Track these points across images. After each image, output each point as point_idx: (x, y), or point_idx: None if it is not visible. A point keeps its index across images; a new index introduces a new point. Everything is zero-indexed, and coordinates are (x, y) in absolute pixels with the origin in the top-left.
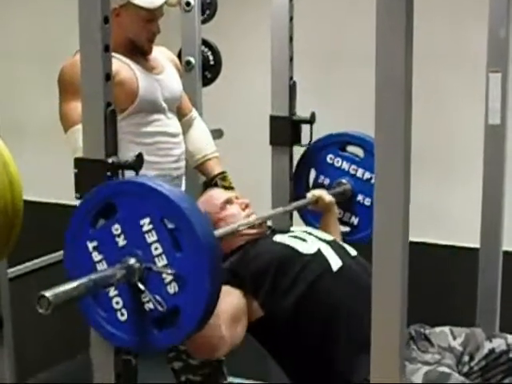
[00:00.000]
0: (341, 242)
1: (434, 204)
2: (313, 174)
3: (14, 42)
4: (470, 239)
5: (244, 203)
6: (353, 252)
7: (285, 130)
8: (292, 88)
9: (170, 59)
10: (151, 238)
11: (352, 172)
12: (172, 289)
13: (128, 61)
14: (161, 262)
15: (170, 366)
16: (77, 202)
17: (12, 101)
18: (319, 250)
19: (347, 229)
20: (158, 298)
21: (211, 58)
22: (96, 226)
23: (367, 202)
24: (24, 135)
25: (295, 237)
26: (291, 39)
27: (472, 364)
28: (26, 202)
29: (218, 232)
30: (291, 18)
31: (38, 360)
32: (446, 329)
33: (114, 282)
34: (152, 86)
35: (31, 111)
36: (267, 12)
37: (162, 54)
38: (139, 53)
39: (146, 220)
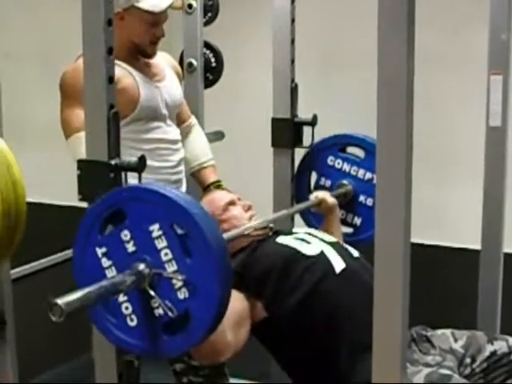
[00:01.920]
0: (344, 244)
1: (435, 206)
2: (314, 176)
3: (15, 43)
4: (471, 241)
5: (246, 205)
6: (355, 253)
7: (286, 132)
8: (294, 90)
9: (171, 65)
10: (161, 243)
11: (353, 173)
12: (182, 294)
13: (130, 68)
14: (171, 267)
15: (172, 367)
16: (79, 204)
17: (13, 102)
18: (322, 252)
19: (350, 230)
20: (168, 303)
21: (213, 60)
22: (105, 233)
23: (369, 202)
24: (26, 137)
25: (298, 238)
26: (293, 41)
27: (474, 366)
28: (29, 204)
29: (225, 235)
30: (293, 21)
31: (41, 361)
32: (448, 331)
33: (125, 288)
34: (153, 93)
35: (33, 113)
36: (269, 14)
37: (163, 60)
38: (142, 56)
39: (156, 226)
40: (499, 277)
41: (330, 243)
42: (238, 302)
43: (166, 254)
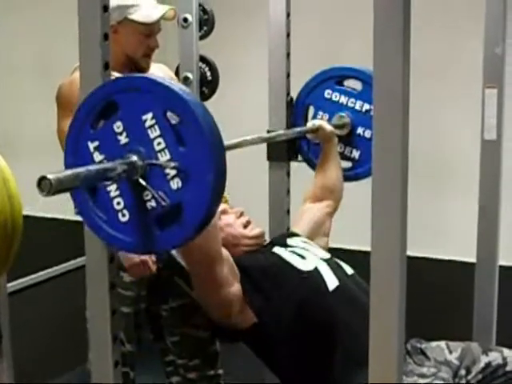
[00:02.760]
0: (338, 261)
1: (431, 219)
2: (311, 110)
3: (11, 56)
4: (467, 254)
5: (239, 211)
6: (349, 271)
7: (282, 145)
8: (289, 104)
9: (167, 76)
10: (154, 133)
11: (350, 105)
12: (175, 184)
13: None
14: (164, 157)
15: (168, 380)
16: (76, 218)
17: (9, 116)
18: (316, 269)
19: (349, 164)
20: (160, 193)
21: (209, 73)
22: (97, 127)
23: (367, 134)
24: (22, 150)
25: (294, 252)
26: (288, 55)
27: (469, 378)
28: (25, 217)
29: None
30: (288, 34)
31: (37, 373)
32: (442, 343)
33: (115, 176)
34: None
35: (29, 126)
36: (264, 28)
37: (160, 72)
38: (137, 70)
39: (149, 115)
40: (494, 289)
41: (325, 260)
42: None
43: (158, 144)
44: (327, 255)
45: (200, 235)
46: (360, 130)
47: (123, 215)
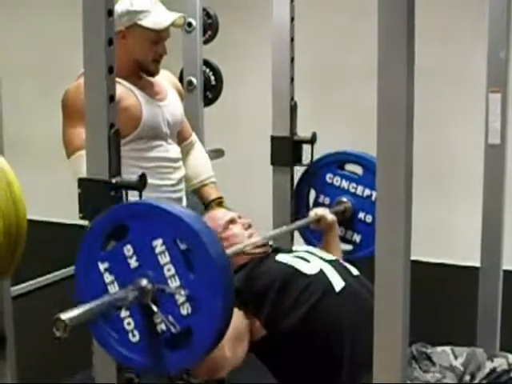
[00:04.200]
0: (343, 262)
1: (435, 223)
2: (313, 193)
3: (15, 61)
4: (471, 258)
5: (246, 223)
6: (355, 272)
7: (286, 150)
8: (293, 108)
9: (172, 84)
10: (164, 259)
11: (352, 190)
12: (185, 310)
13: (132, 87)
14: (174, 283)
15: None
16: (80, 222)
17: (14, 120)
18: (321, 271)
19: (349, 247)
20: (170, 319)
21: (212, 78)
22: (107, 248)
23: (368, 219)
24: (26, 155)
25: (297, 257)
26: (292, 60)
27: (473, 383)
28: (29, 221)
29: (227, 252)
30: (292, 39)
31: (41, 377)
32: (448, 348)
33: (127, 303)
34: (155, 112)
35: (33, 130)
36: (268, 33)
37: (165, 78)
38: (145, 75)
39: (159, 241)
40: (498, 294)
41: (330, 261)
42: (237, 318)
43: (168, 270)
44: (332, 257)
45: None
46: (361, 215)
47: (133, 335)
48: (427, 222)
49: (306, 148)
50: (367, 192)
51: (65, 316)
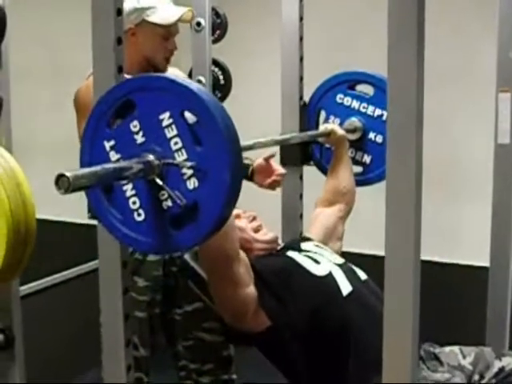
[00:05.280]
0: (352, 266)
1: (444, 223)
2: (323, 114)
3: (25, 60)
4: (480, 258)
5: (251, 216)
6: (363, 276)
7: (295, 149)
8: (302, 108)
9: None
10: (171, 132)
11: (362, 110)
12: (191, 184)
13: None
14: (180, 156)
15: None
16: (88, 222)
17: (23, 120)
18: (330, 273)
19: (360, 169)
20: (177, 193)
21: (221, 77)
22: (114, 126)
23: (379, 139)
24: (35, 153)
25: (308, 256)
26: (301, 59)
27: (482, 382)
28: (38, 221)
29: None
30: (301, 38)
31: (49, 376)
32: (456, 348)
33: (132, 175)
34: None
35: (42, 130)
36: (277, 32)
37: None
38: (154, 71)
39: (166, 114)
40: (508, 293)
41: (339, 265)
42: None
43: (175, 143)
44: (341, 260)
45: (217, 234)
46: (371, 135)
47: (139, 215)
48: (437, 221)
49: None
50: (378, 112)
51: (69, 173)
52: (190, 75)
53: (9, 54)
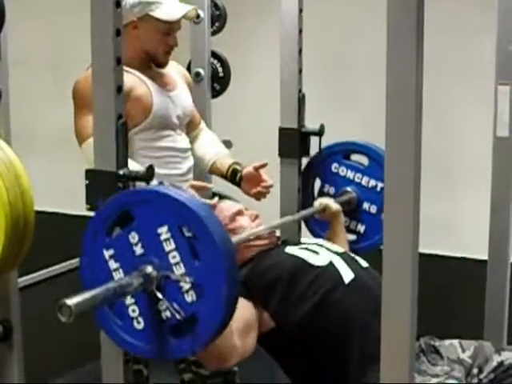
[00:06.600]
0: (352, 254)
1: (443, 216)
2: (318, 183)
3: (24, 51)
4: (479, 251)
5: (254, 214)
6: (364, 264)
7: (294, 141)
8: (301, 100)
9: (181, 75)
10: (169, 246)
11: (357, 180)
12: (190, 297)
13: (143, 77)
14: (179, 270)
15: (181, 377)
16: (87, 213)
17: (22, 112)
18: (331, 263)
19: (354, 237)
20: (175, 306)
21: (220, 69)
22: (112, 235)
23: (373, 209)
24: (33, 145)
25: (307, 249)
26: (300, 51)
27: (481, 376)
28: (37, 212)
29: (233, 239)
30: (300, 31)
31: (48, 369)
32: (456, 341)
33: (132, 290)
34: (165, 102)
35: (41, 122)
36: (276, 24)
37: (174, 69)
38: (155, 65)
39: (164, 228)
40: (506, 287)
41: (339, 253)
42: (246, 308)
43: (173, 257)
44: (341, 249)
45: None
46: (366, 206)
47: (138, 322)
48: (435, 214)
49: (314, 140)
50: (372, 183)
51: (70, 302)
52: (188, 67)
53: (7, 46)
